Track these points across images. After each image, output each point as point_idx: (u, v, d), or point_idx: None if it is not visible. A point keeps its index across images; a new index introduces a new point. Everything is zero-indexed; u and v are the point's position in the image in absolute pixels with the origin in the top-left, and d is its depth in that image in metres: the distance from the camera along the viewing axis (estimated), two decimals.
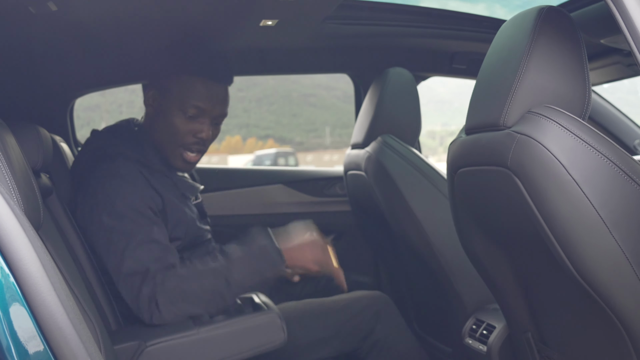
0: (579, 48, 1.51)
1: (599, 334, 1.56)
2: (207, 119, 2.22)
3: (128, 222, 2.08)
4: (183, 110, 2.20)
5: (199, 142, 2.24)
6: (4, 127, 1.52)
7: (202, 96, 2.20)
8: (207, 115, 2.21)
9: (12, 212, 1.07)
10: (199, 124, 2.21)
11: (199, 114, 2.20)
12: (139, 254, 2.04)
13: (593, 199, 1.35)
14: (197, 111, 2.20)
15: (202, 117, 2.21)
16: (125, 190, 2.11)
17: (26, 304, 1.04)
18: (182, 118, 2.21)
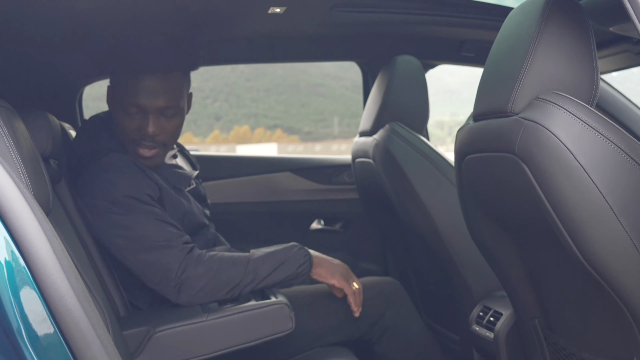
0: (587, 35, 1.51)
1: (606, 321, 1.56)
2: (149, 114, 2.17)
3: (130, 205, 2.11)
4: (124, 109, 2.18)
5: (145, 137, 2.19)
6: (14, 113, 1.53)
7: (137, 93, 2.15)
8: (149, 110, 2.16)
9: (22, 196, 1.08)
10: (141, 119, 2.18)
11: (140, 111, 2.17)
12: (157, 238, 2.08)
13: (600, 185, 1.35)
14: (137, 109, 2.16)
15: (144, 113, 2.17)
16: (124, 181, 2.13)
17: (36, 286, 1.05)
18: (126, 117, 2.19)
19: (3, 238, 1.05)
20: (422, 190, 2.49)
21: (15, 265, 1.05)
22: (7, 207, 1.06)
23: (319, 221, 3.55)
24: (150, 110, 2.16)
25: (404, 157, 2.54)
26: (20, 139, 1.44)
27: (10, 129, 1.38)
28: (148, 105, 2.15)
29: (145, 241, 2.08)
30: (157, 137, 2.20)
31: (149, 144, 2.20)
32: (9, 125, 1.39)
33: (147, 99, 2.15)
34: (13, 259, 1.05)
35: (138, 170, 2.18)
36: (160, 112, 2.18)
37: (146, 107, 2.15)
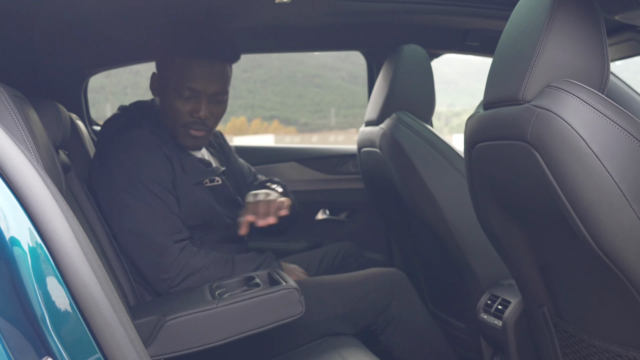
0: (598, 22, 1.51)
1: (617, 308, 1.56)
2: (202, 99, 2.29)
3: (143, 190, 2.20)
4: (178, 92, 2.28)
5: (197, 121, 2.31)
6: (27, 102, 1.53)
7: (194, 77, 2.26)
8: (202, 94, 2.28)
9: (45, 184, 1.08)
10: (195, 103, 2.29)
11: (194, 95, 2.28)
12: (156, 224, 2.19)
13: (613, 172, 1.36)
14: (191, 92, 2.28)
15: (197, 97, 2.28)
16: (142, 159, 2.23)
17: (60, 274, 1.05)
18: (179, 100, 2.29)
19: (26, 227, 1.05)
20: (430, 179, 2.49)
21: (39, 252, 1.05)
22: (30, 195, 1.06)
23: (324, 211, 3.55)
24: (203, 95, 2.28)
25: (411, 146, 2.54)
26: (34, 128, 1.45)
27: (24, 118, 1.38)
28: (203, 89, 2.28)
29: (145, 229, 2.19)
30: (207, 120, 2.32)
31: (199, 127, 2.32)
32: (23, 114, 1.39)
33: (203, 83, 2.27)
34: (36, 247, 1.05)
35: (158, 150, 2.26)
36: (213, 97, 2.30)
37: (200, 91, 2.27)
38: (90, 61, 3.07)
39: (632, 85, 2.79)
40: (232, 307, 1.88)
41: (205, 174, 2.38)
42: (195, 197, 2.31)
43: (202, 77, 2.26)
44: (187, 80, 2.26)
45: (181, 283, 2.19)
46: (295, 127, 39.09)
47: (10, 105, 1.35)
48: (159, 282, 2.19)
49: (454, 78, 41.38)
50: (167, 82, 2.31)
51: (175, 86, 2.28)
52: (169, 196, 2.24)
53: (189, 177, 2.31)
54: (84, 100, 3.29)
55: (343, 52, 3.61)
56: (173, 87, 2.29)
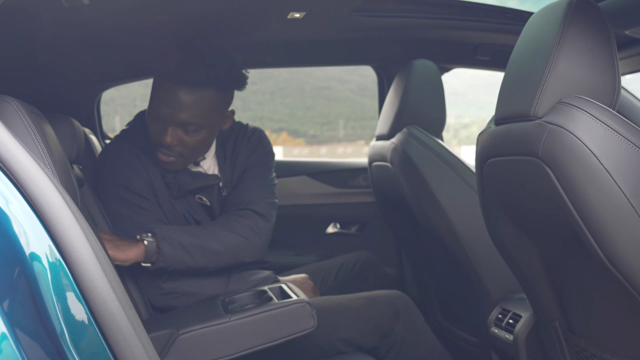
0: (609, 38, 1.52)
1: (629, 322, 1.57)
2: (168, 125, 2.19)
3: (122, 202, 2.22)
4: (150, 112, 2.23)
5: (162, 145, 2.22)
6: (42, 118, 1.55)
7: (159, 101, 2.19)
8: (168, 121, 2.18)
9: (63, 199, 1.09)
10: (161, 127, 2.21)
11: (160, 119, 2.20)
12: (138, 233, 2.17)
13: (625, 188, 1.36)
14: (157, 115, 2.20)
15: (163, 122, 2.19)
16: (120, 171, 2.24)
17: (79, 290, 1.06)
18: (150, 120, 2.24)
19: (46, 243, 1.06)
20: (441, 193, 2.50)
21: (59, 268, 1.06)
22: (50, 212, 1.07)
23: (334, 225, 3.55)
24: (169, 122, 2.18)
25: (422, 161, 2.55)
26: (51, 144, 1.46)
27: (41, 134, 1.40)
28: (167, 116, 2.17)
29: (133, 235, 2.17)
30: (175, 147, 2.22)
31: (165, 152, 2.23)
32: (41, 131, 1.41)
33: (167, 110, 2.17)
34: (56, 262, 1.06)
35: (136, 163, 2.25)
36: (180, 126, 2.19)
37: (165, 118, 2.18)
38: (103, 76, 3.09)
39: None
40: (244, 321, 1.88)
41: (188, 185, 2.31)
42: (176, 211, 2.29)
43: (166, 104, 2.17)
44: (154, 103, 2.20)
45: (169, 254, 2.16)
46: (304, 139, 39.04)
47: (28, 123, 1.36)
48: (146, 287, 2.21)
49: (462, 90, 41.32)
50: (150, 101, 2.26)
51: (149, 105, 2.24)
52: (151, 205, 2.24)
53: (170, 192, 2.29)
54: (97, 114, 3.32)
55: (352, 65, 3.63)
56: (149, 105, 2.24)
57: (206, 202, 2.35)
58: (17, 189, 1.08)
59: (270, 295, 2.03)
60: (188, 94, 2.15)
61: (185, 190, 2.30)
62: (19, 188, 1.08)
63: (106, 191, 2.24)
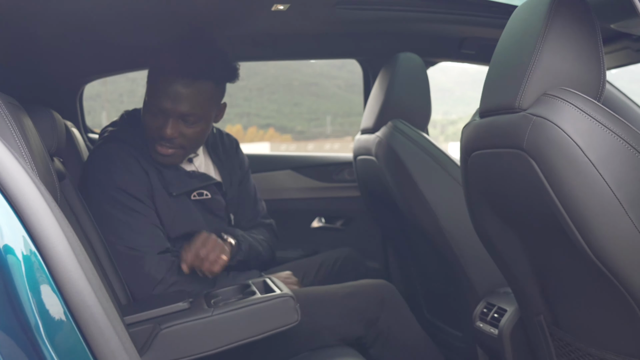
0: (594, 30, 1.52)
1: (614, 316, 1.56)
2: (169, 117, 2.23)
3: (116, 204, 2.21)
4: (149, 106, 2.26)
5: (163, 138, 2.26)
6: (21, 110, 1.53)
7: (161, 94, 2.22)
8: (169, 113, 2.23)
9: (39, 191, 1.08)
10: (161, 120, 2.24)
11: (160, 112, 2.24)
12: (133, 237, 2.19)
13: (609, 180, 1.36)
14: (157, 109, 2.24)
15: (164, 114, 2.23)
16: (115, 172, 2.23)
17: (54, 282, 1.05)
18: (148, 114, 2.27)
19: (20, 235, 1.05)
20: (425, 187, 2.49)
21: (32, 259, 1.04)
22: (24, 203, 1.06)
23: (319, 219, 3.55)
24: (170, 114, 2.22)
25: (406, 154, 2.55)
26: (29, 135, 1.44)
27: (19, 126, 1.38)
28: (169, 108, 2.22)
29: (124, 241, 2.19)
30: (175, 140, 2.26)
31: (165, 144, 2.27)
32: (18, 122, 1.39)
33: (169, 102, 2.21)
34: (30, 255, 1.04)
35: (134, 164, 2.26)
36: (181, 117, 2.24)
37: (167, 110, 2.22)
38: (85, 68, 3.07)
39: (627, 94, 2.79)
40: (227, 316, 1.87)
41: (189, 185, 2.35)
42: (174, 209, 2.30)
43: (169, 96, 2.21)
44: (155, 97, 2.23)
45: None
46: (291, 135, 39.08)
47: (5, 113, 1.34)
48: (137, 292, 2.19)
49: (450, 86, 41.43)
50: (147, 95, 2.30)
51: (147, 100, 2.27)
52: (146, 208, 2.23)
53: (170, 189, 2.30)
54: (80, 107, 3.29)
55: (339, 61, 3.64)
56: (146, 100, 2.28)
57: (207, 195, 2.41)
58: None
59: (254, 290, 2.02)
60: (188, 85, 2.21)
61: (186, 190, 2.34)
62: None
63: (99, 192, 2.23)
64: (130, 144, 2.30)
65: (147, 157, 2.29)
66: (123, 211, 2.20)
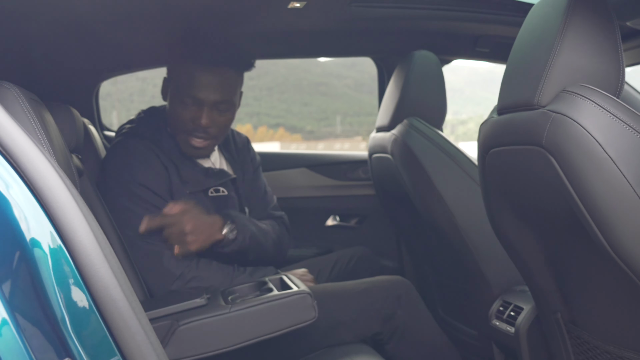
0: (613, 27, 1.51)
1: (632, 313, 1.56)
2: (204, 107, 2.27)
3: (136, 200, 2.22)
4: (181, 99, 2.28)
5: (198, 129, 2.30)
6: (42, 106, 1.54)
7: (195, 84, 2.26)
8: (204, 103, 2.27)
9: (65, 186, 1.08)
10: (196, 111, 2.28)
11: (195, 102, 2.27)
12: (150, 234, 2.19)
13: (629, 176, 1.35)
14: (193, 100, 2.27)
15: (199, 105, 2.27)
16: (136, 168, 2.25)
17: (80, 276, 1.05)
18: (181, 106, 2.29)
19: (47, 228, 1.05)
20: (441, 185, 2.49)
21: (60, 255, 1.05)
22: (51, 197, 1.06)
23: (334, 217, 3.55)
24: (205, 103, 2.26)
25: (422, 152, 2.54)
26: (50, 131, 1.45)
27: (41, 121, 1.39)
28: (204, 98, 2.26)
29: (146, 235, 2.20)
30: (209, 129, 2.30)
31: (201, 135, 2.31)
32: (40, 117, 1.40)
33: (204, 92, 2.25)
34: (57, 248, 1.05)
35: (154, 160, 2.27)
36: (215, 106, 2.28)
37: (202, 100, 2.26)
38: (102, 66, 3.08)
39: None
40: (244, 312, 1.88)
41: (205, 183, 2.37)
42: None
43: (203, 85, 2.26)
44: (188, 88, 2.26)
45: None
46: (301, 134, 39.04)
47: (27, 109, 1.36)
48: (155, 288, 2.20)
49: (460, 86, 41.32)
50: (172, 87, 2.33)
51: (178, 92, 2.29)
52: (165, 204, 2.24)
53: (186, 186, 2.31)
54: (96, 105, 3.31)
55: (349, 60, 3.65)
56: (176, 93, 2.30)
57: (224, 191, 2.43)
58: (18, 173, 1.07)
59: (271, 287, 2.02)
60: (220, 73, 2.27)
61: (204, 187, 2.37)
62: (20, 172, 1.07)
63: (119, 187, 2.24)
64: (150, 139, 2.31)
65: (166, 153, 2.31)
66: (142, 206, 2.20)
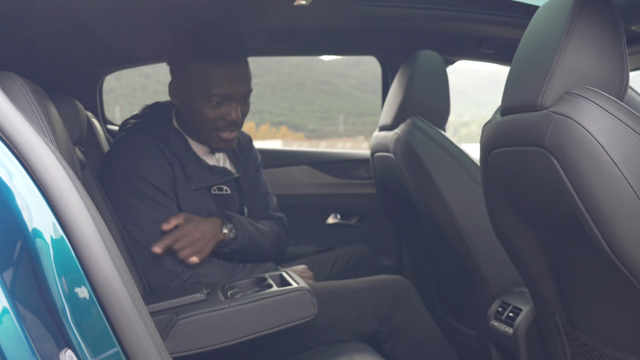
0: (618, 30, 1.52)
1: (631, 316, 1.56)
2: (232, 102, 2.26)
3: (139, 196, 2.21)
4: (207, 98, 2.24)
5: (229, 124, 2.29)
6: (47, 97, 1.54)
7: (221, 82, 2.22)
8: (232, 98, 2.25)
9: (67, 175, 1.09)
10: (226, 108, 2.26)
11: (224, 100, 2.25)
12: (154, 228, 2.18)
13: (631, 179, 1.36)
14: (221, 98, 2.24)
15: (227, 101, 2.25)
16: (140, 163, 2.23)
17: (81, 267, 1.06)
18: (208, 105, 2.25)
19: (49, 219, 1.05)
20: (443, 185, 2.49)
21: (61, 245, 1.05)
22: (54, 187, 1.06)
23: (335, 215, 3.55)
24: (233, 98, 2.26)
25: (425, 152, 2.55)
26: (54, 123, 1.46)
27: (45, 112, 1.39)
28: (232, 93, 2.25)
29: (144, 232, 2.19)
30: (239, 122, 2.31)
31: (232, 128, 2.31)
32: (44, 109, 1.40)
33: (232, 87, 2.24)
34: (59, 239, 1.05)
35: (160, 156, 2.25)
36: (243, 98, 2.29)
37: (230, 96, 2.25)
38: (106, 59, 3.08)
39: None
40: (244, 308, 1.88)
41: (209, 180, 2.36)
42: (195, 203, 2.31)
43: (230, 82, 2.23)
44: (214, 87, 2.22)
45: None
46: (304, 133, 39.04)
47: (31, 100, 1.36)
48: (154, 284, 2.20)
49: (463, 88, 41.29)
50: (191, 88, 2.26)
51: (202, 93, 2.24)
52: (168, 200, 2.23)
53: (190, 183, 2.30)
54: (99, 98, 3.31)
55: (353, 59, 3.65)
56: (199, 93, 2.24)
57: (227, 190, 2.42)
58: (21, 163, 1.07)
59: (271, 282, 2.03)
60: (243, 66, 2.28)
61: (208, 185, 2.36)
62: (23, 163, 1.08)
63: (122, 182, 2.22)
64: (155, 135, 2.29)
65: (171, 150, 2.29)
66: (145, 202, 2.20)
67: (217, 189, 2.39)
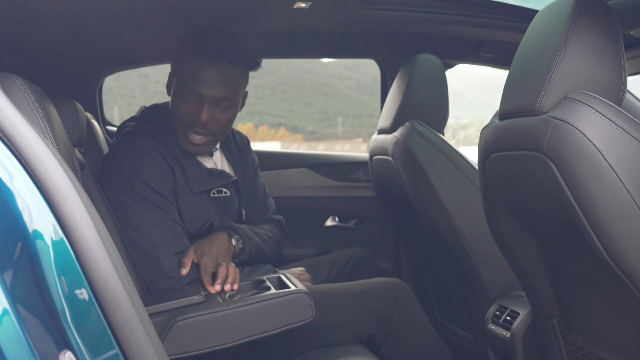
0: (616, 35, 1.52)
1: (628, 320, 1.57)
2: (205, 102, 2.25)
3: (138, 199, 2.20)
4: (182, 94, 2.27)
5: (197, 124, 2.27)
6: (47, 98, 1.54)
7: (196, 79, 2.23)
8: (204, 98, 2.24)
9: (68, 177, 1.09)
10: (197, 106, 2.26)
11: (196, 97, 2.25)
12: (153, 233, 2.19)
13: (628, 184, 1.36)
14: (194, 95, 2.25)
15: (200, 100, 2.25)
16: (140, 166, 2.22)
17: (81, 269, 1.06)
18: (182, 101, 2.27)
19: (50, 220, 1.06)
20: (441, 188, 2.49)
21: (61, 247, 1.05)
22: (54, 188, 1.07)
23: (333, 218, 3.55)
24: (206, 99, 2.24)
25: (423, 155, 2.55)
26: (54, 124, 1.46)
27: (45, 113, 1.39)
28: (205, 93, 2.24)
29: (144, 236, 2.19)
30: (209, 125, 2.28)
31: (200, 131, 2.29)
32: (44, 110, 1.40)
33: (206, 87, 2.23)
34: (59, 240, 1.05)
35: (160, 158, 2.25)
36: (216, 102, 2.26)
37: (203, 95, 2.24)
38: (106, 61, 3.08)
39: None
40: (242, 310, 1.88)
41: (209, 183, 2.36)
42: (195, 206, 2.31)
43: (204, 80, 2.23)
44: (190, 82, 2.24)
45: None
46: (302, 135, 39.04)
47: (32, 101, 1.36)
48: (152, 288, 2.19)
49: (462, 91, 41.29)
50: (175, 82, 2.31)
51: (180, 87, 2.27)
52: (168, 204, 2.23)
53: (191, 187, 2.30)
54: (99, 99, 3.31)
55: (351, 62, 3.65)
56: (178, 88, 2.28)
57: (226, 193, 2.43)
58: (22, 164, 1.08)
59: (269, 285, 2.03)
60: (223, 70, 2.25)
61: (208, 188, 2.36)
62: (23, 164, 1.08)
63: (122, 185, 2.22)
64: (155, 138, 2.29)
65: (171, 152, 2.29)
66: (145, 206, 2.19)
67: (216, 191, 2.39)
